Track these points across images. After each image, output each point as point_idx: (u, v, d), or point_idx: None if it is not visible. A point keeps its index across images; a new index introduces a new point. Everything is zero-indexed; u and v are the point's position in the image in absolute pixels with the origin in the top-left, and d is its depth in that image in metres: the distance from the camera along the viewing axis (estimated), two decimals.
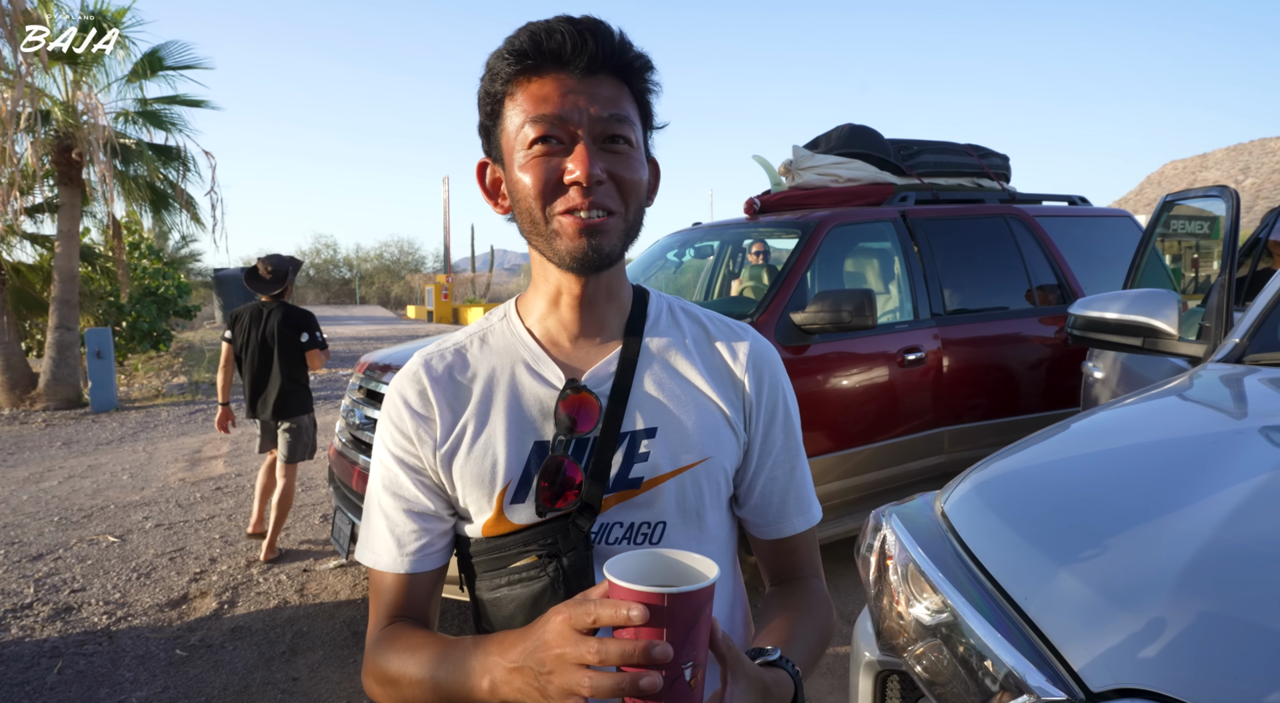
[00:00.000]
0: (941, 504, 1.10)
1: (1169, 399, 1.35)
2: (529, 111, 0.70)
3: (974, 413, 3.75)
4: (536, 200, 0.71)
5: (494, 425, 0.76)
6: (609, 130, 0.70)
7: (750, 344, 0.83)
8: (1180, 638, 0.64)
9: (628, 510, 0.76)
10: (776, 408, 0.82)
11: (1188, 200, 2.50)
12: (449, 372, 0.79)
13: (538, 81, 0.71)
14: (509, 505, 0.75)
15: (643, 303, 0.83)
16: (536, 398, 0.77)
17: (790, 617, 0.76)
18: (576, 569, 0.74)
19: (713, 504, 0.79)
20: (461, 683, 0.65)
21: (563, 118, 0.69)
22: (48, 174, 8.85)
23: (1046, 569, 0.82)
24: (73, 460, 6.18)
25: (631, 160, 0.72)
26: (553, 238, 0.72)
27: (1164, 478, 0.94)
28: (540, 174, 0.70)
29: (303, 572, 3.62)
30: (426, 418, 0.77)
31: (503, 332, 0.82)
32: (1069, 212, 4.54)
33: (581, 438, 0.75)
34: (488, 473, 0.75)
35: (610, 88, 0.71)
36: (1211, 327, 1.76)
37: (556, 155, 0.70)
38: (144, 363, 12.16)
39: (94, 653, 2.89)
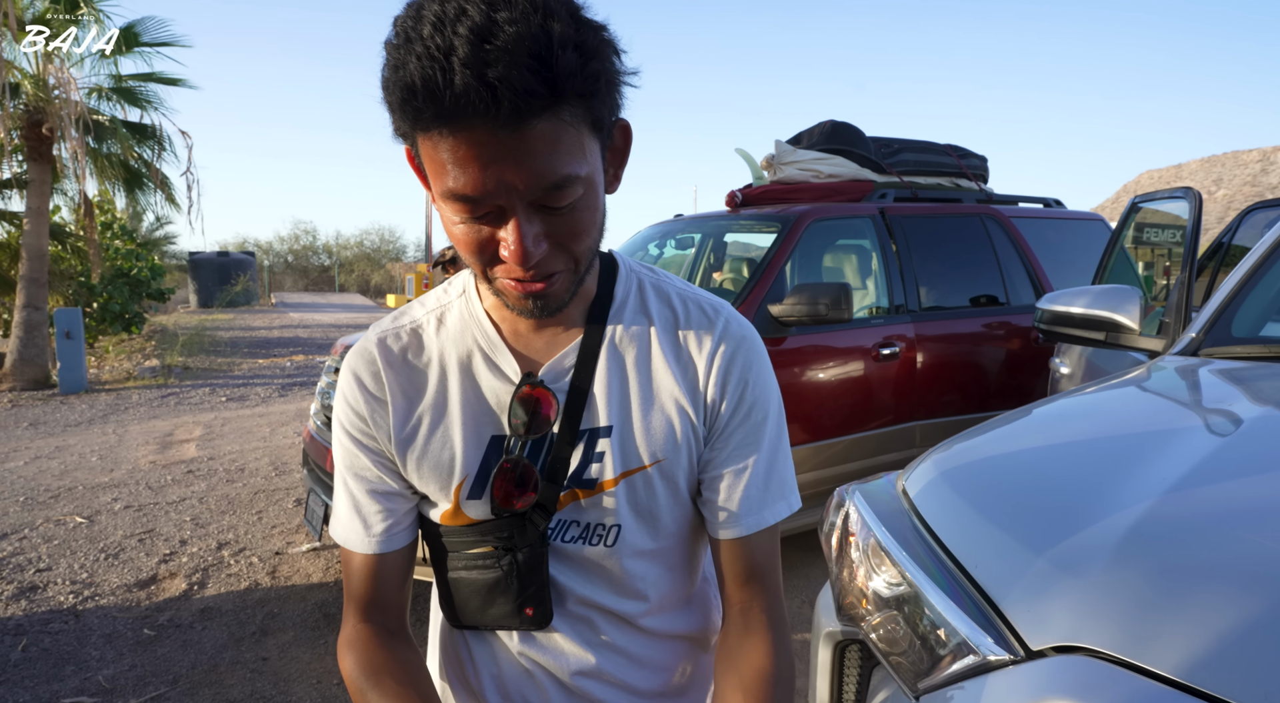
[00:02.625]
0: (903, 483, 1.13)
1: (1126, 389, 1.40)
2: (445, 180, 0.57)
3: (946, 408, 3.82)
4: (475, 265, 0.64)
5: (450, 418, 0.73)
6: (549, 199, 0.59)
7: (720, 333, 0.75)
8: (1115, 599, 0.68)
9: (583, 510, 0.74)
10: (740, 404, 0.74)
11: (1154, 203, 2.57)
12: (404, 354, 0.75)
13: (450, 137, 0.55)
14: (465, 500, 0.74)
15: (610, 280, 0.76)
16: (493, 391, 0.73)
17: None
18: (530, 565, 0.74)
19: (668, 503, 0.75)
20: None
21: (485, 198, 0.57)
22: (16, 149, 8.66)
23: (997, 541, 0.86)
24: (40, 441, 6.07)
25: (578, 214, 0.61)
26: (495, 293, 0.66)
27: (1113, 457, 0.98)
28: (471, 240, 0.61)
29: (275, 555, 3.60)
30: (380, 401, 0.74)
31: (461, 312, 0.76)
32: (1043, 214, 4.63)
33: (538, 435, 0.72)
34: (445, 467, 0.73)
35: (544, 137, 0.55)
36: (1171, 322, 1.82)
37: (486, 223, 0.60)
38: (115, 345, 11.94)
39: (60, 631, 2.86)
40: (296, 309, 21.25)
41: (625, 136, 0.68)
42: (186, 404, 7.75)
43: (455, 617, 0.80)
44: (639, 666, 0.80)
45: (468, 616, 0.78)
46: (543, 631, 0.77)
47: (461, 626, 0.80)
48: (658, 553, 0.77)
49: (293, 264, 36.76)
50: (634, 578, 0.76)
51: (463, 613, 0.79)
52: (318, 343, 13.03)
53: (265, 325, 16.06)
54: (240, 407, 7.59)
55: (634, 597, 0.77)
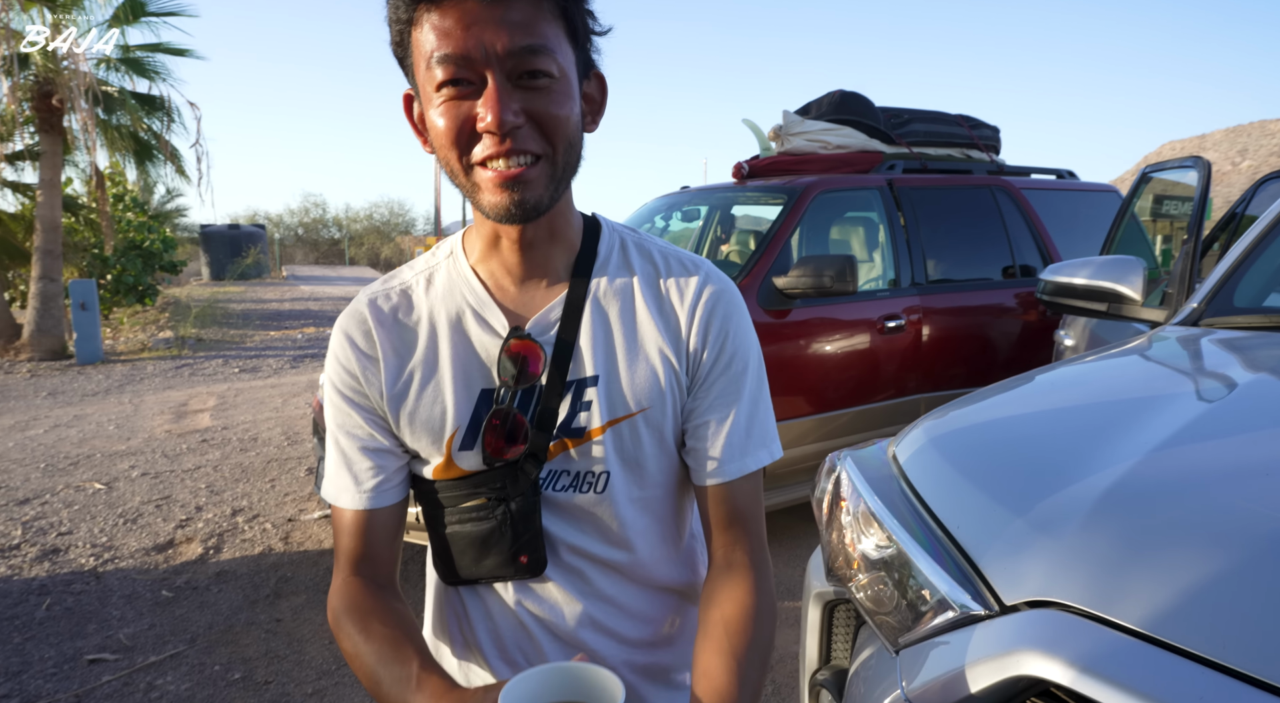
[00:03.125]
0: (894, 449, 1.15)
1: (1123, 357, 1.41)
2: (432, 48, 0.63)
3: (951, 381, 3.82)
4: (451, 151, 0.66)
5: (441, 373, 0.75)
6: (524, 65, 0.63)
7: (700, 284, 0.77)
8: (1087, 556, 0.70)
9: (573, 459, 0.76)
10: (722, 352, 0.77)
11: (1164, 172, 2.54)
12: (394, 313, 0.77)
13: (439, 11, 0.63)
14: (457, 452, 0.76)
15: (594, 238, 0.79)
16: (482, 345, 0.75)
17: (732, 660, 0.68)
18: (523, 514, 0.75)
19: (654, 451, 0.77)
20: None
21: (467, 58, 0.62)
22: (28, 121, 8.67)
23: (978, 502, 0.88)
24: (59, 410, 6.18)
25: (554, 95, 0.65)
26: (475, 191, 0.68)
27: (1101, 422, 1.00)
28: (452, 121, 0.65)
29: (287, 522, 3.68)
30: (372, 358, 0.76)
31: (449, 272, 0.79)
32: (1055, 185, 4.57)
33: (527, 387, 0.74)
34: (437, 420, 0.75)
35: (523, 10, 0.63)
36: (1174, 293, 1.81)
37: (468, 98, 0.64)
38: (129, 317, 12.07)
39: (81, 592, 2.95)
40: (307, 282, 21.35)
41: (602, 87, 0.74)
42: (200, 375, 7.86)
43: (451, 573, 0.82)
44: (629, 616, 0.83)
45: (463, 569, 0.80)
46: (536, 581, 0.79)
47: (457, 581, 0.83)
48: (645, 502, 0.80)
49: (303, 237, 36.82)
50: (623, 525, 0.79)
51: (459, 567, 0.81)
52: (328, 316, 13.12)
53: (276, 298, 16.16)
54: (253, 378, 7.69)
55: (623, 546, 0.80)
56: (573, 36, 0.67)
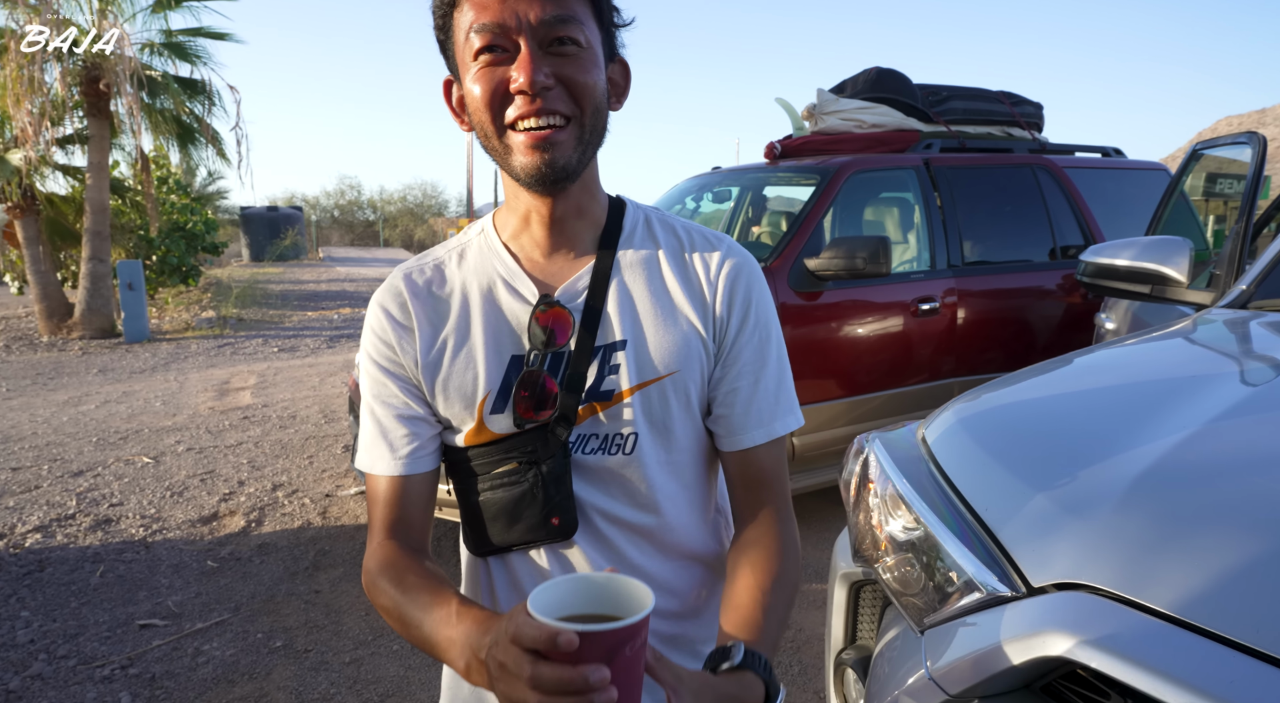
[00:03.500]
0: (923, 432, 1.14)
1: (1165, 340, 1.37)
2: (471, 21, 0.70)
3: (986, 365, 3.75)
4: (486, 112, 0.71)
5: (473, 340, 0.79)
6: (554, 33, 0.69)
7: (723, 255, 0.82)
8: (1118, 539, 0.69)
9: (601, 422, 0.78)
10: (747, 318, 0.80)
11: (1216, 149, 2.44)
12: (428, 286, 0.81)
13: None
14: (489, 416, 0.78)
15: (619, 215, 0.83)
16: (513, 313, 0.79)
17: (758, 591, 0.72)
18: (555, 476, 0.77)
19: (681, 416, 0.80)
20: (440, 652, 0.67)
21: (502, 25, 0.68)
22: (77, 105, 8.92)
23: (1011, 487, 0.87)
24: (108, 387, 6.41)
25: (582, 61, 0.71)
26: (507, 153, 0.72)
27: (1139, 409, 0.98)
28: (487, 85, 0.70)
29: (325, 497, 3.78)
30: (407, 328, 0.79)
31: (480, 246, 0.83)
32: (1101, 163, 4.43)
33: (557, 352, 0.77)
34: (469, 385, 0.78)
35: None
36: (1222, 275, 1.75)
37: (503, 64, 0.70)
38: (174, 297, 12.42)
39: (132, 560, 3.08)
40: (343, 263, 21.71)
41: (625, 72, 0.80)
42: (241, 354, 8.07)
43: (482, 542, 0.84)
44: (655, 586, 0.83)
45: (495, 535, 0.82)
46: (565, 547, 0.81)
47: (487, 551, 0.85)
48: (673, 466, 0.82)
49: (338, 219, 37.37)
50: (651, 487, 0.80)
51: (490, 534, 0.82)
52: (363, 297, 13.34)
53: (313, 279, 16.47)
54: (291, 357, 7.87)
55: (650, 509, 0.81)
56: (599, 18, 0.73)
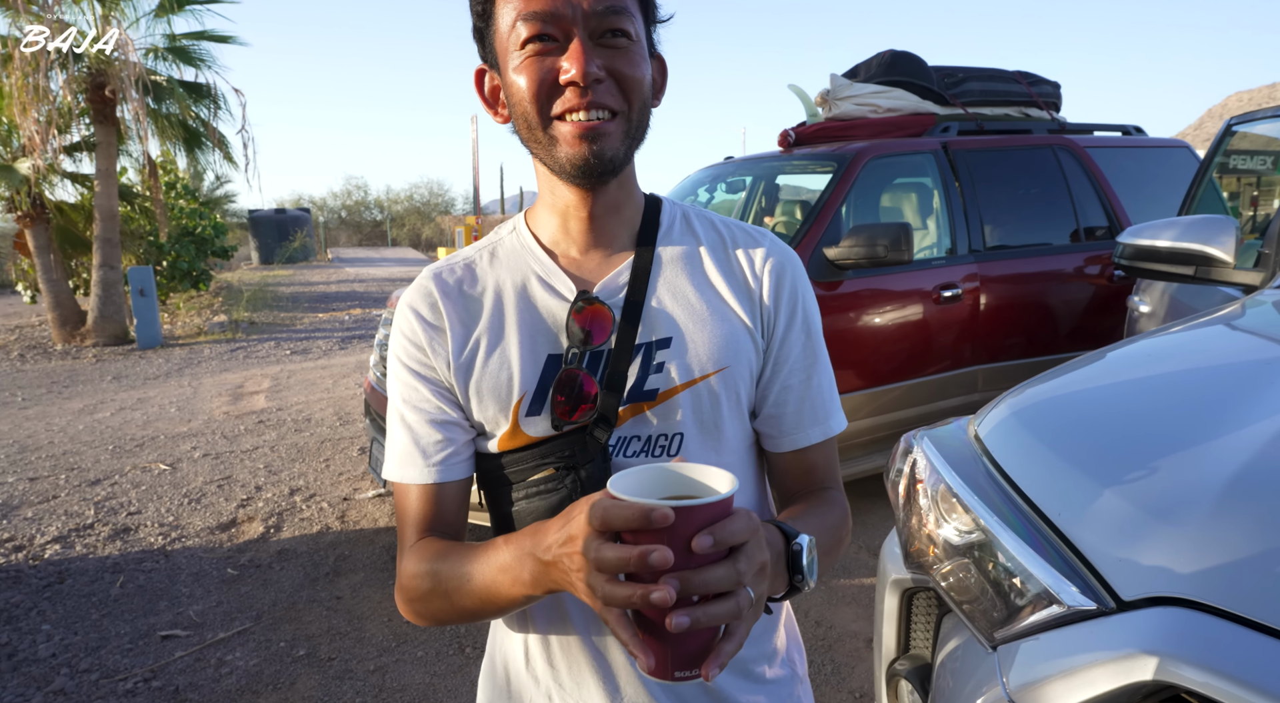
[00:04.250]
0: (975, 428, 1.08)
1: (1217, 327, 1.30)
2: (519, 9, 0.67)
3: (1010, 351, 3.67)
4: (532, 104, 0.68)
5: (508, 339, 0.75)
6: (606, 24, 0.67)
7: (768, 249, 0.79)
8: (1219, 549, 0.63)
9: (644, 423, 0.75)
10: (795, 314, 0.78)
11: (1254, 123, 2.35)
12: (459, 285, 0.78)
13: None
14: (524, 418, 0.74)
15: (655, 212, 0.81)
16: (549, 310, 0.75)
17: (801, 506, 0.76)
18: (595, 481, 0.73)
19: (731, 415, 0.77)
20: (500, 578, 0.64)
21: (554, 14, 0.66)
22: (83, 112, 8.92)
23: (1082, 486, 0.81)
24: (123, 394, 6.42)
25: (632, 55, 0.69)
26: (552, 145, 0.70)
27: (1209, 400, 0.91)
28: (535, 75, 0.67)
29: (343, 501, 3.76)
30: (439, 329, 0.76)
31: (512, 245, 0.80)
32: (1122, 142, 4.33)
33: (596, 350, 0.74)
34: (504, 386, 0.74)
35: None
36: (1271, 254, 1.68)
37: (551, 54, 0.67)
38: (185, 302, 12.47)
39: (152, 570, 3.06)
40: (352, 264, 21.74)
41: (663, 69, 0.78)
42: (254, 357, 8.07)
43: None
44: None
45: None
46: None
47: None
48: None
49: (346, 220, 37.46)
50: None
51: None
52: (373, 297, 13.34)
53: (323, 280, 16.50)
54: (304, 359, 7.87)
55: None
56: (645, 11, 0.72)
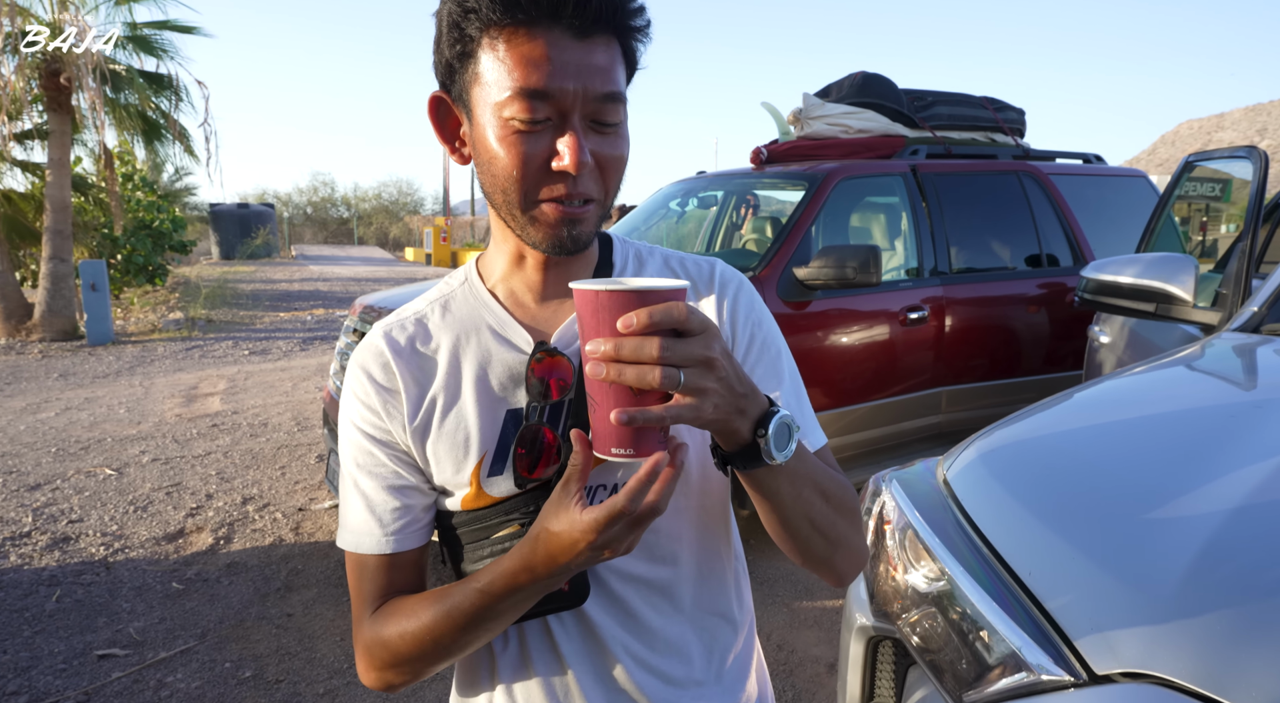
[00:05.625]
0: (944, 472, 1.07)
1: (1178, 369, 1.32)
2: (516, 79, 0.61)
3: (973, 373, 3.72)
4: (517, 185, 0.65)
5: (464, 398, 0.72)
6: (601, 113, 0.64)
7: (719, 278, 0.78)
8: (1192, 623, 0.62)
9: (611, 470, 0.72)
10: (754, 336, 0.77)
11: (1211, 161, 2.42)
12: (411, 343, 0.74)
13: (526, 36, 0.61)
14: (486, 478, 0.72)
15: (608, 252, 0.79)
16: (505, 365, 0.73)
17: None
18: None
19: (699, 457, 0.75)
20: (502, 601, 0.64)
21: (557, 98, 0.62)
22: (36, 99, 8.60)
23: (1052, 544, 0.80)
24: (69, 393, 6.17)
25: (619, 139, 0.66)
26: (528, 224, 0.67)
27: (1176, 454, 0.91)
28: (524, 155, 0.63)
29: (298, 511, 3.65)
30: (392, 391, 0.73)
31: (464, 297, 0.77)
32: (1083, 170, 4.43)
33: (556, 403, 0.71)
34: (463, 447, 0.71)
35: (605, 53, 0.63)
36: (1229, 294, 1.71)
37: (541, 133, 0.63)
38: (139, 297, 12.07)
39: (91, 583, 2.93)
40: (316, 262, 21.33)
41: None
42: (210, 357, 7.84)
43: None
44: (673, 651, 0.77)
45: None
46: (576, 614, 0.74)
47: None
48: (688, 510, 0.76)
49: (312, 216, 36.78)
50: (666, 537, 0.75)
51: None
52: (337, 297, 13.09)
53: (286, 278, 16.15)
54: (262, 360, 7.66)
55: (667, 561, 0.75)
56: (629, 73, 0.68)
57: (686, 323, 0.54)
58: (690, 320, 0.54)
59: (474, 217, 27.51)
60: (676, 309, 0.53)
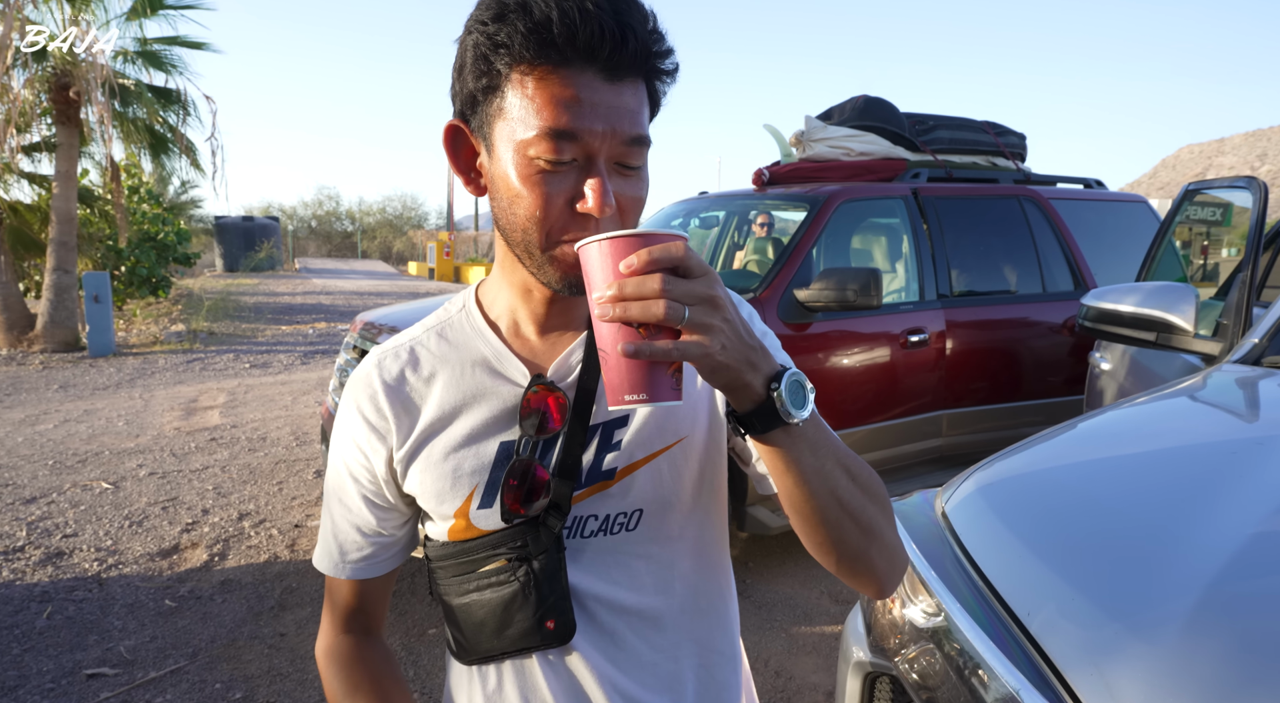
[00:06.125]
0: (942, 504, 1.06)
1: (1180, 400, 1.31)
2: (545, 118, 0.60)
3: (974, 397, 3.71)
4: (539, 226, 0.63)
5: (456, 429, 0.71)
6: (627, 156, 0.63)
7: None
8: (1193, 671, 0.61)
9: (602, 502, 0.72)
10: None
11: (1211, 190, 2.42)
12: (404, 373, 0.74)
13: (557, 77, 0.59)
14: (475, 511, 0.71)
15: None
16: (499, 397, 0.72)
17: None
18: (548, 573, 0.70)
19: (692, 485, 0.74)
20: None
21: (585, 140, 0.60)
22: (45, 112, 8.68)
23: (1051, 584, 0.79)
24: (69, 404, 6.17)
25: (640, 182, 0.65)
26: (546, 263, 0.65)
27: (1176, 491, 0.90)
28: (547, 195, 0.62)
29: (294, 527, 3.63)
30: (379, 426, 0.73)
31: (461, 325, 0.76)
32: (1084, 195, 4.44)
33: (550, 437, 0.71)
34: (449, 479, 0.71)
35: (634, 95, 0.62)
36: (1229, 324, 1.71)
37: (566, 174, 0.62)
38: (142, 309, 12.10)
39: (84, 600, 2.90)
40: (319, 275, 21.41)
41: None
42: (211, 370, 7.84)
43: (466, 649, 0.75)
44: (666, 687, 0.75)
45: (482, 641, 0.74)
46: (563, 650, 0.73)
47: (472, 659, 0.75)
48: (682, 540, 0.75)
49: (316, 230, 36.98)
50: (658, 565, 0.74)
51: (476, 640, 0.74)
52: (340, 310, 13.11)
53: (289, 291, 16.19)
54: (263, 374, 7.66)
55: (659, 591, 0.74)
56: (652, 115, 0.67)
57: (686, 262, 0.53)
58: (690, 260, 0.54)
59: (477, 232, 27.64)
60: (675, 248, 0.53)
